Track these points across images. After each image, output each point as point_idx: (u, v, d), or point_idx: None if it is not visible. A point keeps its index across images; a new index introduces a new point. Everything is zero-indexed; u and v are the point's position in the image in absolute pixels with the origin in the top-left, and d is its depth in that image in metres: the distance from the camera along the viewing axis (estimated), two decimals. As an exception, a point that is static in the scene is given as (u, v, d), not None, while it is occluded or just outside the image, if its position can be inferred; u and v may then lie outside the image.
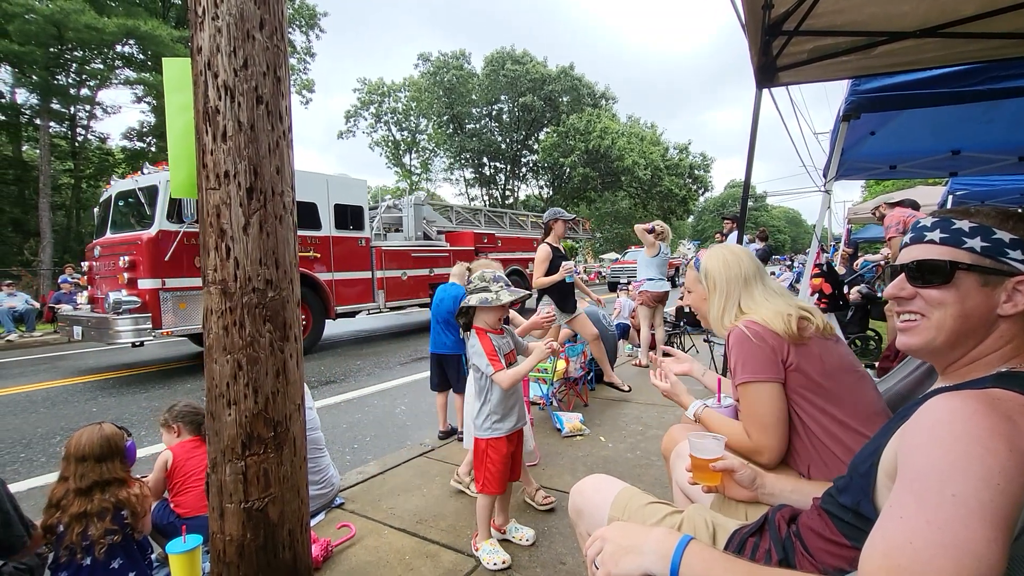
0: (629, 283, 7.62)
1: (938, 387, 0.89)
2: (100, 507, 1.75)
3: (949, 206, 8.13)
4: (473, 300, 2.13)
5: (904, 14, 2.45)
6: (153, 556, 2.04)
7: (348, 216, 8.56)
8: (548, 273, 4.29)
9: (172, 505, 2.20)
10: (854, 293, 5.93)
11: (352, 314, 8.92)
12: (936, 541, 0.60)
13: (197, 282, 6.33)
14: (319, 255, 7.95)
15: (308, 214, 7.84)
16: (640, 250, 6.19)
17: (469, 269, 3.35)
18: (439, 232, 11.26)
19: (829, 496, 0.96)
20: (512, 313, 3.46)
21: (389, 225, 10.45)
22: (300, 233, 6.74)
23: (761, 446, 1.37)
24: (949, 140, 4.43)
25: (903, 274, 0.92)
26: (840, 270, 8.01)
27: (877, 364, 3.59)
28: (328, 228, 8.17)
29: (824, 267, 3.80)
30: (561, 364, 4.21)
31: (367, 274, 8.87)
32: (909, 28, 2.55)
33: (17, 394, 5.74)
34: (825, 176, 3.92)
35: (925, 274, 0.88)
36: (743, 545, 1.02)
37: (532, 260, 11.80)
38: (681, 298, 2.10)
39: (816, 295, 3.67)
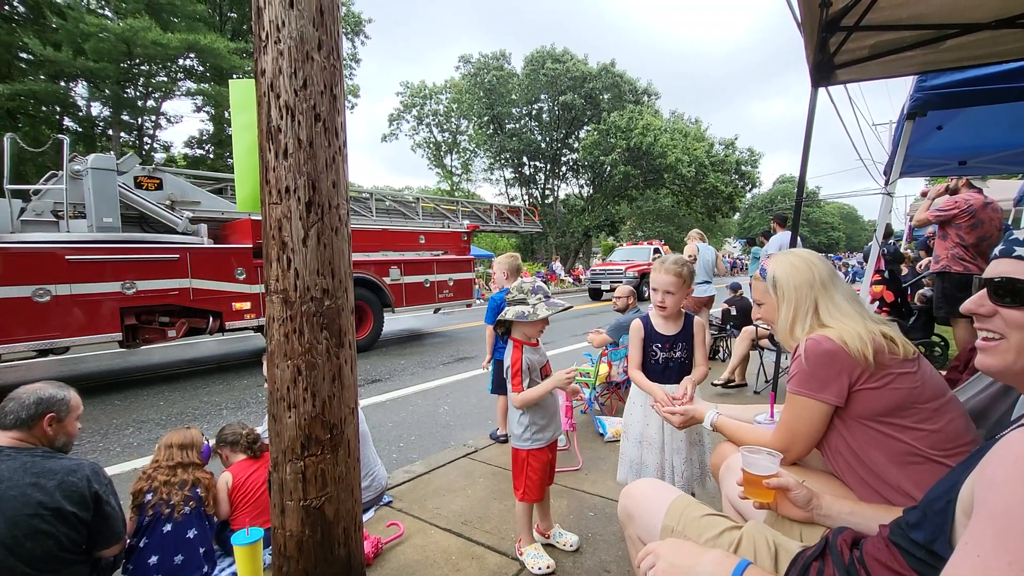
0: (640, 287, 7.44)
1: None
2: (181, 479, 2.16)
3: (1027, 203, 7.52)
4: (510, 314, 2.09)
5: (978, 5, 2.30)
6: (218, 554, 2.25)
7: None
8: None
9: (232, 524, 2.29)
10: (918, 296, 5.60)
11: None
12: None
13: None
14: None
15: None
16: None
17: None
18: (195, 221, 7.14)
19: (899, 529, 0.91)
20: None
21: (71, 206, 6.14)
22: None
23: (779, 447, 1.38)
24: (1028, 133, 4.10)
25: (984, 289, 0.85)
26: (902, 270, 7.55)
27: (944, 374, 3.37)
28: None
29: (886, 273, 3.59)
30: (604, 368, 4.18)
31: None
32: (983, 19, 2.38)
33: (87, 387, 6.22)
34: (887, 176, 3.70)
35: (1008, 292, 0.81)
36: (806, 570, 0.98)
37: (409, 262, 8.99)
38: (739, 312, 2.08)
39: (877, 303, 3.48)
